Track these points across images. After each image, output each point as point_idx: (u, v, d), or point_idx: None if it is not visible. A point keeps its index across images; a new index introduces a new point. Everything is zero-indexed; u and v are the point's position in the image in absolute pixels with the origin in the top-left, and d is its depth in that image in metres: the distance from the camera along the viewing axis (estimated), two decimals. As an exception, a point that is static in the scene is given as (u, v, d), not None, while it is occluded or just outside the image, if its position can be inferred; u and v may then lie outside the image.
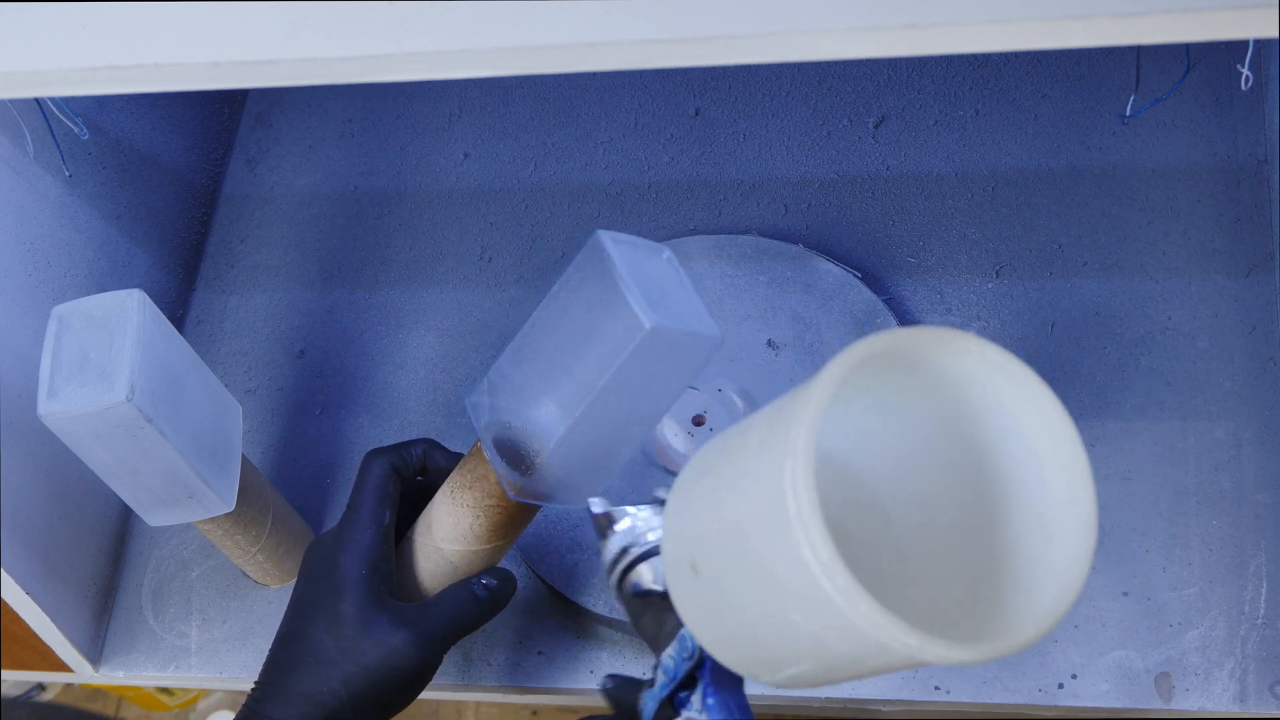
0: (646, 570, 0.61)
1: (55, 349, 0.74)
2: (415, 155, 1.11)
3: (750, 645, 0.55)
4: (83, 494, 0.93)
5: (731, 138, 1.06)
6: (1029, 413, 0.51)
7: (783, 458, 0.47)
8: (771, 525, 0.48)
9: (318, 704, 0.72)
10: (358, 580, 0.73)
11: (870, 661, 0.50)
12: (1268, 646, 0.82)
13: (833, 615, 0.47)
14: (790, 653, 0.53)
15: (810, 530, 0.46)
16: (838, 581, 0.46)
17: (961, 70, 1.05)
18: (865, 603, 0.46)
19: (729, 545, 0.52)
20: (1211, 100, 0.99)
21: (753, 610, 0.52)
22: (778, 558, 0.48)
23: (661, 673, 0.61)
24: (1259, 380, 0.90)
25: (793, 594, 0.48)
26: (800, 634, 0.50)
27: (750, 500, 0.50)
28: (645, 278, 0.66)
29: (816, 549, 0.46)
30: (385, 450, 0.77)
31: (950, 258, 0.98)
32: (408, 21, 0.59)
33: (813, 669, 0.53)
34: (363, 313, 1.04)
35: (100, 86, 0.62)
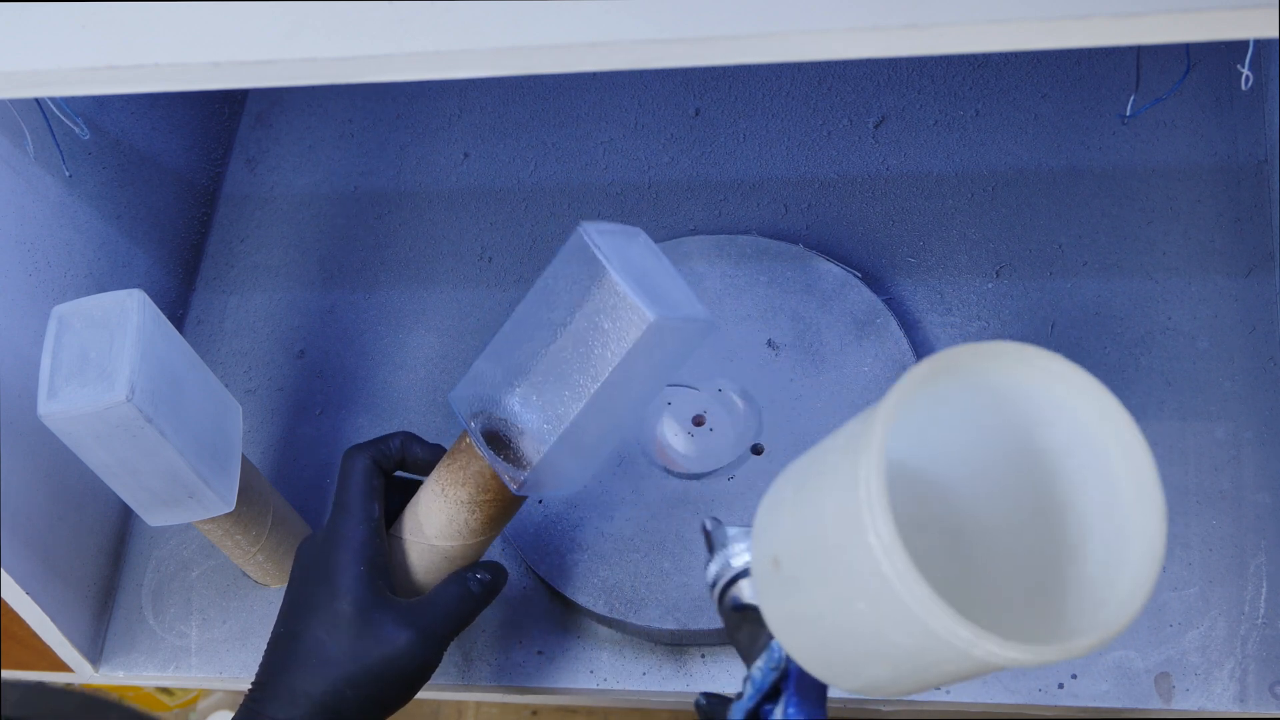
0: (746, 585, 0.65)
1: (55, 349, 0.74)
2: (415, 155, 1.11)
3: (824, 642, 0.57)
4: (83, 494, 0.93)
5: (731, 138, 1.06)
6: (1096, 422, 0.53)
7: (858, 451, 0.50)
8: (844, 514, 0.51)
9: (320, 704, 0.72)
10: (355, 578, 0.73)
11: (931, 660, 0.52)
12: (1268, 646, 0.82)
13: (892, 601, 0.49)
14: (859, 650, 0.54)
15: (876, 514, 0.49)
16: (897, 564, 0.48)
17: (961, 70, 1.05)
18: (920, 587, 0.48)
19: (806, 539, 0.55)
20: (1211, 100, 0.99)
21: (824, 602, 0.55)
22: (847, 545, 0.51)
23: (749, 685, 0.63)
24: (1259, 380, 0.90)
25: (859, 581, 0.51)
26: (865, 625, 0.52)
27: (828, 494, 0.53)
28: (634, 268, 0.67)
29: (880, 532, 0.49)
30: (365, 446, 0.77)
31: (950, 258, 0.98)
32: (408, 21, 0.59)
33: (882, 672, 0.55)
34: (363, 313, 1.04)
35: (100, 86, 0.62)
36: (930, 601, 0.48)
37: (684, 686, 0.88)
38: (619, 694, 0.89)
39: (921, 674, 0.54)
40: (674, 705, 0.92)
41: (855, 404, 0.90)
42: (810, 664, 0.59)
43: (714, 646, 0.88)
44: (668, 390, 0.92)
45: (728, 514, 0.88)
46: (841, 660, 0.57)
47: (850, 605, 0.52)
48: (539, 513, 0.90)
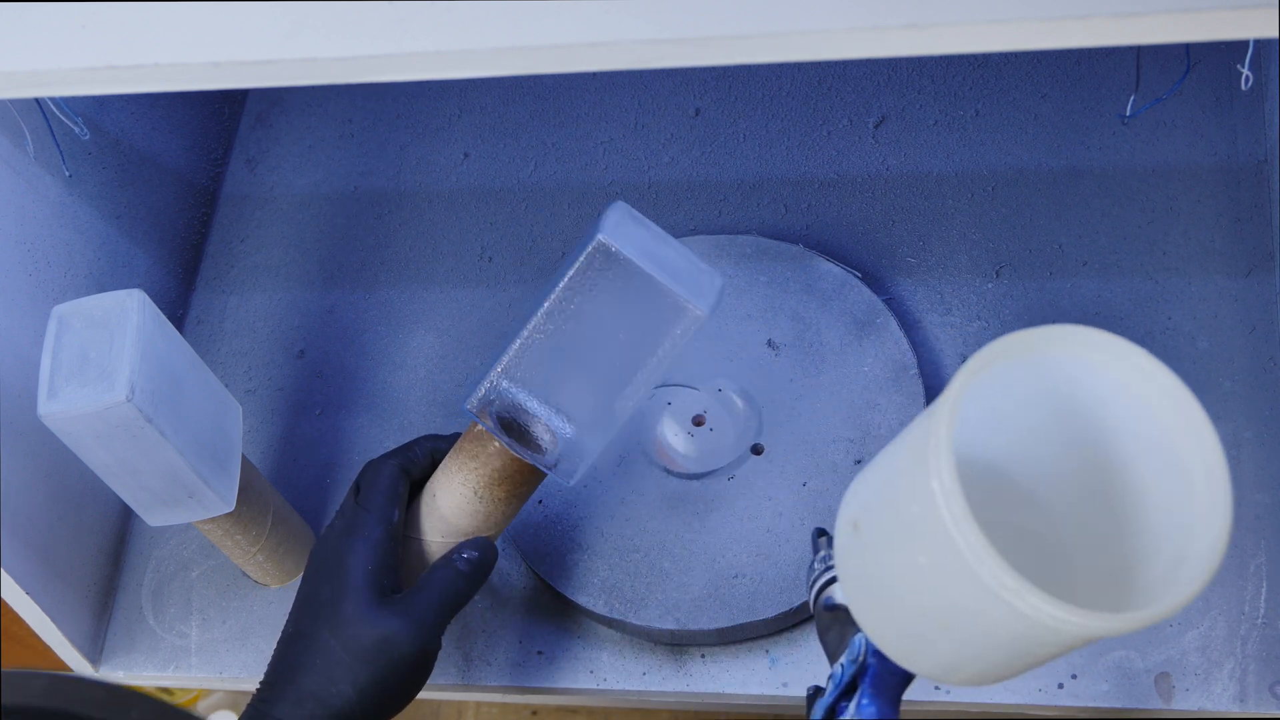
0: (838, 588, 0.67)
1: (55, 349, 0.74)
2: (415, 155, 1.11)
3: (892, 608, 0.58)
4: (83, 494, 0.93)
5: (731, 138, 1.06)
6: (1163, 406, 0.54)
7: (930, 415, 0.52)
8: (914, 469, 0.52)
9: (326, 704, 0.73)
10: (364, 582, 0.74)
11: (988, 626, 0.52)
12: (1268, 646, 0.82)
13: (948, 551, 0.50)
14: (923, 615, 0.55)
15: (940, 462, 0.50)
16: (954, 509, 0.50)
17: (961, 70, 1.05)
18: (974, 534, 0.49)
19: (881, 498, 0.57)
20: (1211, 100, 0.99)
21: (892, 560, 0.56)
22: (913, 498, 0.52)
23: (831, 681, 0.65)
24: (1259, 380, 0.90)
25: (921, 532, 0.52)
26: (927, 582, 0.53)
27: (905, 454, 0.55)
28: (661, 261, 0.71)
29: (943, 477, 0.50)
30: (392, 455, 0.79)
31: (950, 258, 0.98)
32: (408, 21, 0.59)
33: (940, 643, 0.56)
34: (363, 313, 1.05)
35: (100, 86, 0.62)
36: (981, 548, 0.49)
37: (684, 686, 0.88)
38: (619, 694, 0.89)
39: (982, 648, 0.54)
40: (674, 705, 0.92)
41: (855, 404, 0.90)
42: (879, 635, 0.60)
43: (714, 646, 0.88)
44: (668, 390, 0.92)
45: (728, 514, 0.88)
46: (909, 630, 0.58)
47: (914, 561, 0.53)
48: (539, 513, 0.90)
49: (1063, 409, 0.56)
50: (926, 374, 0.92)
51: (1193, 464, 0.53)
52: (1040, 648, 0.53)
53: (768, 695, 0.87)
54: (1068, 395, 0.56)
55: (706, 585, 0.86)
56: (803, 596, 0.85)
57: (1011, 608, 0.50)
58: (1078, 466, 0.58)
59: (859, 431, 0.89)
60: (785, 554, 0.86)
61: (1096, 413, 0.56)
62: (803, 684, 0.86)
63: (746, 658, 0.87)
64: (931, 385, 0.92)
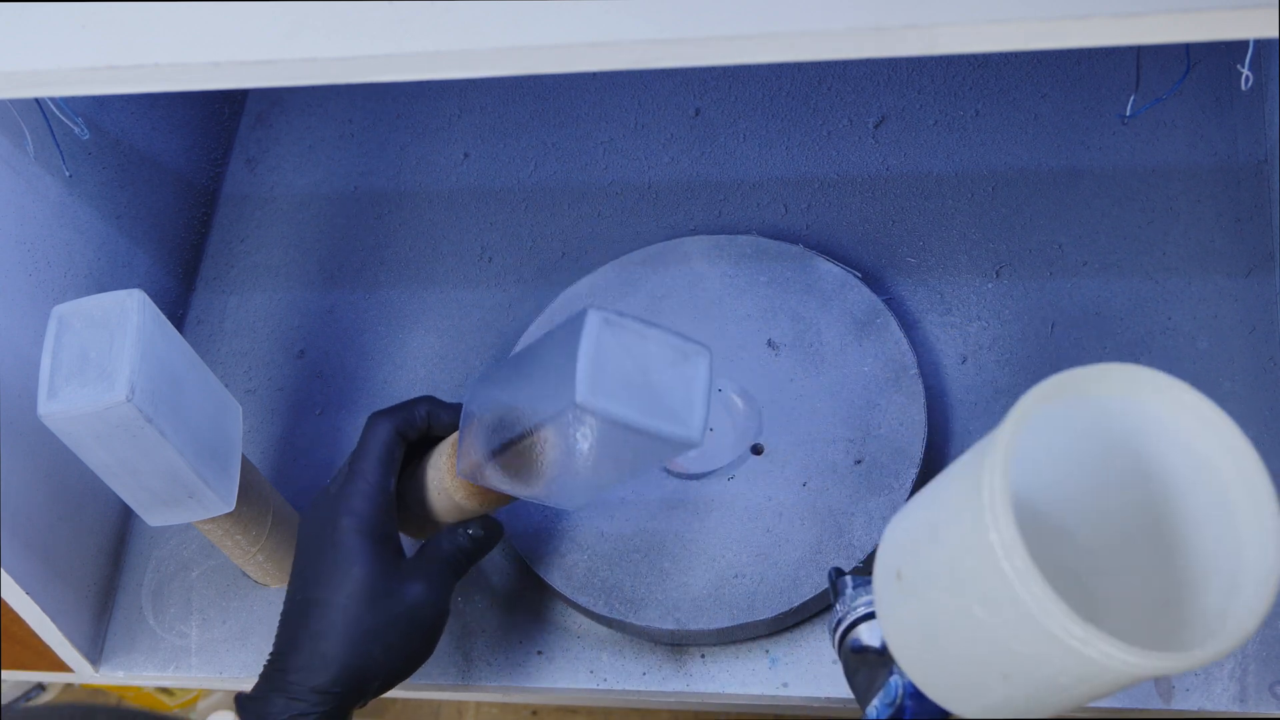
0: (865, 629, 0.67)
1: (55, 349, 0.74)
2: (415, 155, 1.11)
3: (942, 656, 0.58)
4: (83, 494, 0.93)
5: (731, 138, 1.06)
6: (1208, 440, 0.54)
7: (982, 457, 0.51)
8: (965, 518, 0.52)
9: (347, 665, 0.74)
10: (370, 546, 0.76)
11: (1048, 672, 0.52)
12: (1268, 646, 0.82)
13: (1010, 603, 0.50)
14: (977, 663, 0.55)
15: (999, 513, 0.50)
16: (1016, 562, 0.49)
17: (961, 70, 1.05)
18: (1039, 585, 0.49)
19: (929, 547, 0.56)
20: (1211, 100, 0.99)
21: (943, 610, 0.56)
22: (968, 548, 0.52)
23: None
24: (1259, 380, 0.89)
25: (978, 584, 0.52)
26: (983, 633, 0.53)
27: (952, 503, 0.54)
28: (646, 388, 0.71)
29: (1002, 530, 0.50)
30: (389, 413, 0.79)
31: (950, 258, 0.98)
32: (408, 21, 0.59)
33: (999, 689, 0.55)
34: (363, 313, 1.05)
35: (100, 86, 0.62)
36: (1047, 599, 0.49)
37: (684, 686, 0.88)
38: (619, 694, 0.89)
39: (1039, 691, 0.54)
40: (674, 705, 0.92)
41: (855, 404, 0.90)
42: (928, 683, 0.59)
43: (714, 646, 0.88)
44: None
45: (727, 514, 0.88)
46: (959, 677, 0.58)
47: (969, 611, 0.53)
48: (539, 513, 0.90)
49: (1105, 445, 0.56)
50: (926, 374, 0.92)
51: (1239, 495, 0.53)
52: (1102, 689, 0.53)
53: (768, 695, 0.87)
54: (1110, 431, 0.56)
55: (706, 585, 0.86)
56: (803, 596, 0.85)
57: (1080, 655, 0.49)
58: (1118, 502, 0.58)
59: (859, 431, 0.89)
60: (785, 554, 0.86)
61: (1140, 448, 0.56)
62: (803, 684, 0.86)
63: (746, 658, 0.87)
64: (931, 385, 0.92)
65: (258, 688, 0.76)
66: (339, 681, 0.74)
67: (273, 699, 0.74)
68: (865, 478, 0.88)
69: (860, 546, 0.85)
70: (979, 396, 0.92)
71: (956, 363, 0.94)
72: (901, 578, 0.58)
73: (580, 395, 0.67)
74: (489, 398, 0.76)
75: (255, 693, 0.76)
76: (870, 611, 0.68)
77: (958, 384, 0.93)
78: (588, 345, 0.68)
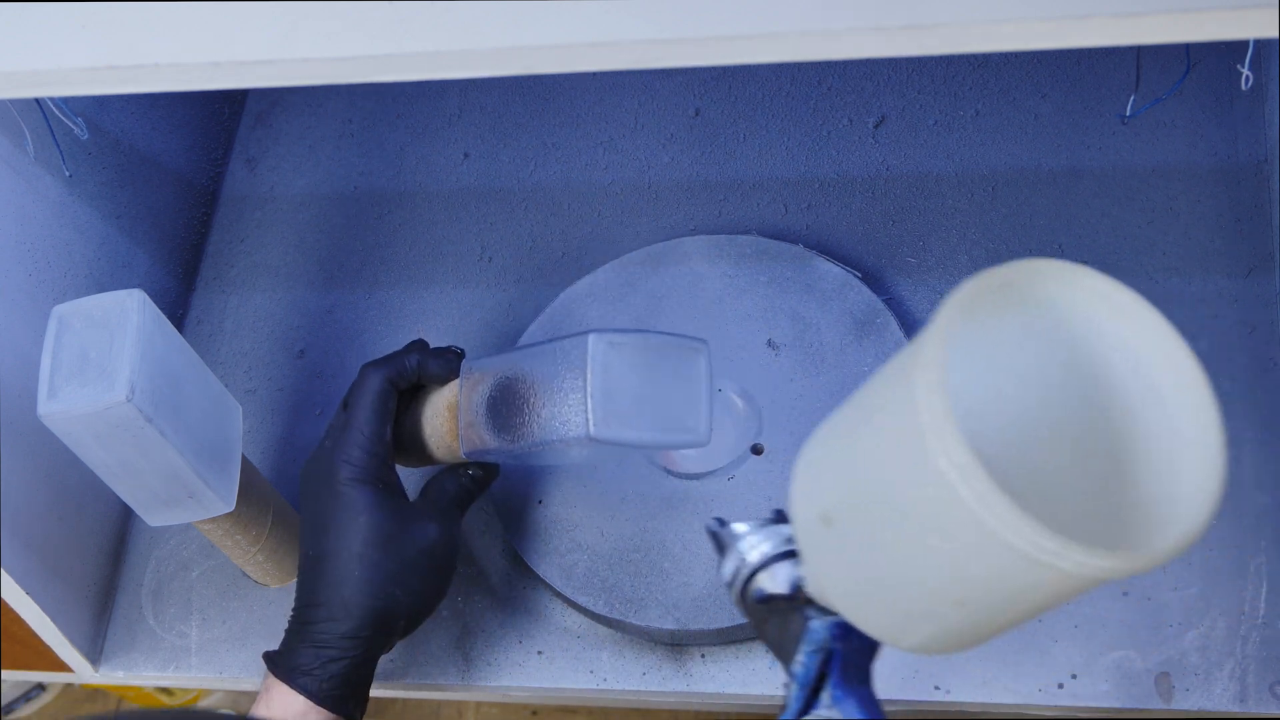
0: (765, 577, 0.64)
1: (55, 349, 0.74)
2: (415, 155, 1.11)
3: (885, 591, 0.55)
4: (83, 494, 0.93)
5: (731, 138, 1.06)
6: (1147, 347, 0.51)
7: (911, 372, 0.47)
8: (904, 447, 0.48)
9: (372, 610, 0.77)
10: (375, 494, 0.78)
11: (1006, 591, 0.49)
12: (1268, 646, 0.82)
13: (971, 528, 0.47)
14: (929, 593, 0.52)
15: (946, 437, 0.46)
16: (976, 485, 0.46)
17: (961, 70, 1.05)
18: (1003, 504, 0.46)
19: (860, 485, 0.53)
20: (1211, 100, 0.99)
21: (888, 548, 0.53)
22: (911, 480, 0.48)
23: (794, 684, 0.62)
24: (1259, 380, 0.89)
25: (929, 515, 0.49)
26: (937, 562, 0.50)
27: (882, 432, 0.50)
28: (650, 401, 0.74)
29: (952, 455, 0.46)
30: (381, 363, 0.82)
31: (950, 258, 0.98)
32: (408, 21, 0.59)
33: (950, 617, 0.53)
34: (363, 313, 1.05)
35: (100, 86, 0.62)
36: (1015, 518, 0.46)
37: (684, 686, 0.88)
38: (619, 694, 0.89)
39: (993, 611, 0.52)
40: (674, 705, 0.92)
41: (855, 404, 0.90)
42: (868, 621, 0.57)
43: (714, 646, 0.88)
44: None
45: (728, 514, 0.88)
46: (907, 610, 0.55)
47: (920, 543, 0.50)
48: (539, 513, 0.90)
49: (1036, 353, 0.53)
50: (926, 374, 0.92)
51: (1179, 401, 0.51)
52: (1057, 599, 0.51)
53: (768, 695, 0.87)
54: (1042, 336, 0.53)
55: (706, 585, 0.86)
56: (803, 596, 0.85)
57: (1047, 568, 0.47)
58: (1056, 412, 0.55)
59: (859, 431, 0.89)
60: (785, 554, 0.86)
61: (1075, 353, 0.53)
62: (803, 684, 0.86)
63: (746, 658, 0.87)
64: (931, 385, 0.92)
65: (285, 643, 0.78)
66: (366, 625, 0.77)
67: (302, 651, 0.77)
68: (865, 478, 0.88)
69: (860, 546, 0.85)
70: (979, 396, 0.92)
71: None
72: (831, 522, 0.55)
73: (594, 428, 0.72)
74: (492, 398, 0.78)
75: (283, 647, 0.78)
76: (769, 557, 0.64)
77: (958, 384, 0.93)
78: (595, 376, 0.71)
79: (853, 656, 0.61)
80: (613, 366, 0.73)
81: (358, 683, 0.77)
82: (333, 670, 0.76)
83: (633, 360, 0.73)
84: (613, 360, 0.73)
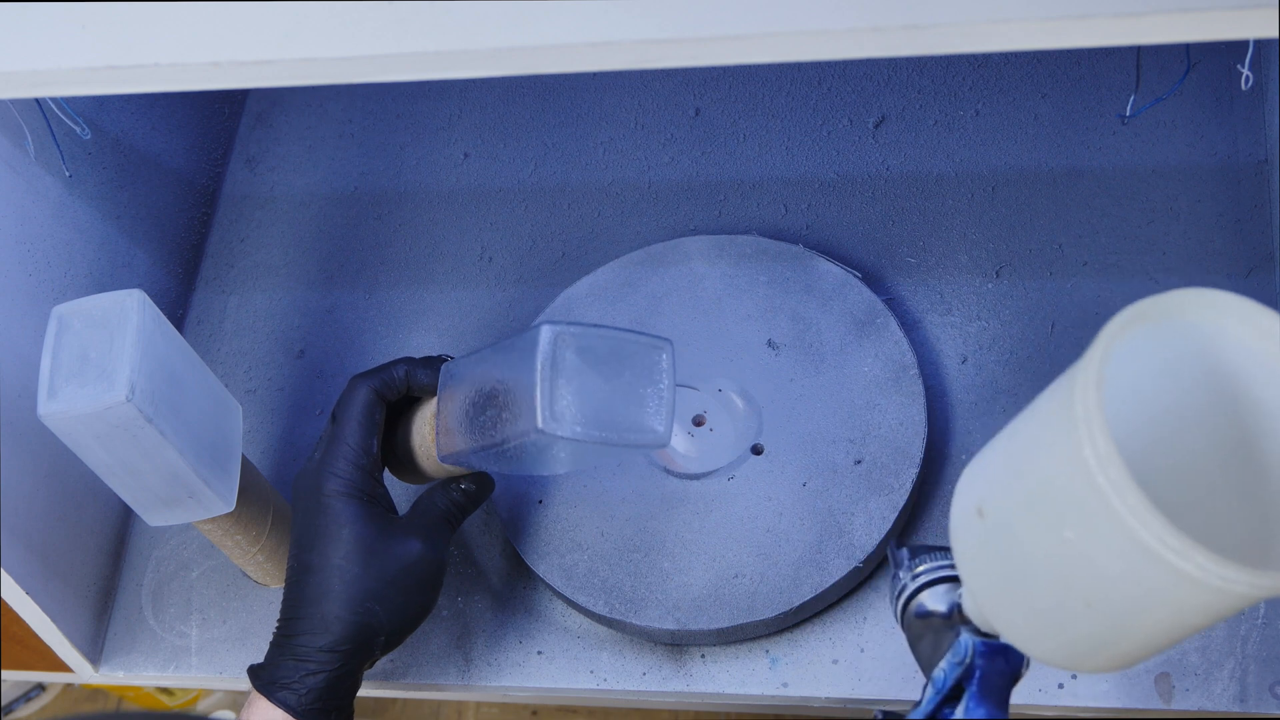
0: (928, 595, 0.67)
1: (55, 349, 0.74)
2: (415, 155, 1.11)
3: (1027, 590, 0.56)
4: (83, 494, 0.93)
5: (731, 138, 1.06)
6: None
7: (1071, 380, 0.50)
8: (1055, 438, 0.50)
9: (352, 624, 0.76)
10: (360, 508, 0.78)
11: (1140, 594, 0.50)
12: (1268, 646, 0.82)
13: (1102, 517, 0.48)
14: (1064, 590, 0.53)
15: (1093, 426, 0.48)
16: (1111, 474, 0.48)
17: (961, 70, 1.05)
18: (1134, 494, 0.47)
19: (1014, 478, 0.55)
20: (1211, 100, 0.99)
21: (1030, 540, 0.54)
22: (1058, 469, 0.50)
23: (930, 687, 0.64)
24: (1259, 380, 0.89)
25: (1069, 504, 0.50)
26: (1073, 554, 0.51)
27: (1039, 427, 0.53)
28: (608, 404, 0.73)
29: (1096, 442, 0.48)
30: (369, 375, 0.81)
31: (950, 258, 0.98)
32: (408, 21, 0.59)
33: (1080, 621, 0.54)
34: (363, 313, 1.05)
35: (100, 86, 0.62)
36: (1144, 508, 0.47)
37: (684, 686, 0.88)
38: (619, 694, 0.89)
39: (1123, 619, 0.53)
40: (674, 705, 0.92)
41: (855, 404, 0.90)
42: (1007, 622, 0.58)
43: (714, 646, 0.88)
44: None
45: (727, 514, 0.88)
46: (1040, 610, 0.56)
47: (1057, 535, 0.52)
48: (539, 513, 0.90)
49: (1190, 377, 0.55)
50: (926, 374, 0.92)
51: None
52: (1192, 616, 0.51)
53: (768, 695, 0.87)
54: (1194, 361, 0.54)
55: (706, 585, 0.86)
56: (803, 596, 0.85)
57: (1173, 571, 0.48)
58: (1206, 435, 0.56)
59: (859, 431, 0.89)
60: (785, 554, 0.86)
61: (1225, 377, 0.54)
62: (803, 684, 0.86)
63: (746, 658, 0.87)
64: (931, 385, 0.92)
65: (268, 656, 0.78)
66: (345, 640, 0.76)
67: (283, 664, 0.76)
68: (865, 478, 0.88)
69: (860, 546, 0.85)
70: (979, 396, 0.92)
71: (956, 363, 0.94)
72: (984, 514, 0.56)
73: (542, 422, 0.70)
74: (462, 398, 0.77)
75: (266, 661, 0.78)
76: (933, 578, 0.67)
77: (958, 384, 0.93)
78: (544, 368, 0.70)
79: (993, 678, 0.63)
80: (565, 360, 0.71)
81: (339, 696, 0.77)
82: (311, 684, 0.75)
83: (590, 355, 0.72)
84: (565, 353, 0.71)
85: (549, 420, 0.70)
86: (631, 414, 0.72)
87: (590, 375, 0.72)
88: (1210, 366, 0.55)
